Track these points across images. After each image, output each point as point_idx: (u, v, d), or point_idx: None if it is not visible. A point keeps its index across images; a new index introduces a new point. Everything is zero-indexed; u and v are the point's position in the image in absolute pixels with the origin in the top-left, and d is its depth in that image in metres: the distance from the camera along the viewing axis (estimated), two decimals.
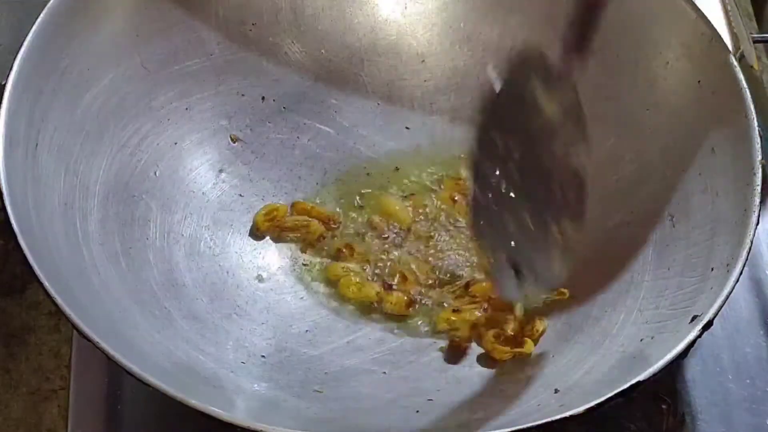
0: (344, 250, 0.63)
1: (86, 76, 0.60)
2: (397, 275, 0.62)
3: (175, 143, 0.64)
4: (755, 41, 0.68)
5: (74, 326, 0.49)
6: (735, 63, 0.57)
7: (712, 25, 0.59)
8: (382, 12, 0.70)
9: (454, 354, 0.59)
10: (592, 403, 0.48)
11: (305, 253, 0.64)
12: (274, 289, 0.63)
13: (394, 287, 0.62)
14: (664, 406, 0.60)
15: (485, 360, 0.59)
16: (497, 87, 0.56)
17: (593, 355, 0.56)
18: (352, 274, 0.62)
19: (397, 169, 0.67)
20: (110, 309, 0.55)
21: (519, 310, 0.59)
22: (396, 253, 0.63)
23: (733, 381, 0.61)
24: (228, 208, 0.65)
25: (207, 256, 0.63)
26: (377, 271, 0.63)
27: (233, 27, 0.67)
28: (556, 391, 0.54)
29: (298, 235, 0.64)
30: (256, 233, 0.64)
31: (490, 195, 0.55)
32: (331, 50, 0.69)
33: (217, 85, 0.66)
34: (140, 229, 0.61)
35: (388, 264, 0.63)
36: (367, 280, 0.62)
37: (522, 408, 0.54)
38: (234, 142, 0.66)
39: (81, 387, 0.61)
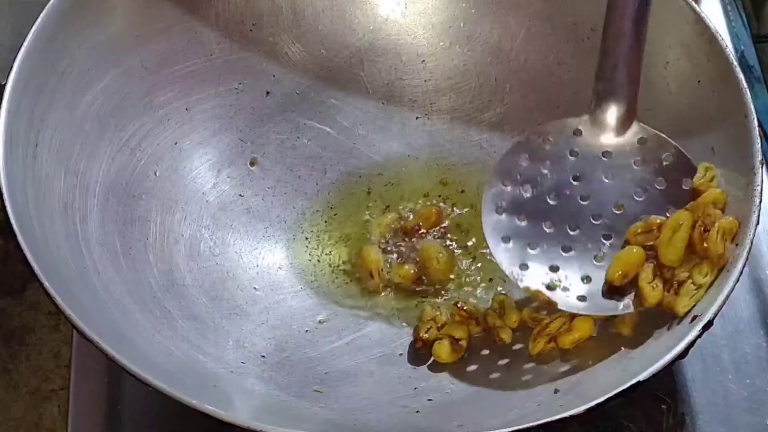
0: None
1: (86, 76, 0.60)
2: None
3: (175, 143, 0.64)
4: (756, 41, 0.68)
5: (74, 326, 0.49)
6: (735, 63, 0.57)
7: (712, 25, 0.59)
8: (382, 12, 0.70)
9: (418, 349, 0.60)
10: (592, 403, 0.47)
11: None
12: (274, 289, 0.63)
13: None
14: (664, 406, 0.60)
15: (485, 360, 0.59)
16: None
17: (593, 355, 0.56)
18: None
19: (392, 181, 0.67)
20: (110, 309, 0.55)
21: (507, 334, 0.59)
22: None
23: (733, 381, 0.61)
24: (228, 208, 0.65)
25: (207, 257, 0.63)
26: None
27: (233, 27, 0.67)
28: (556, 391, 0.54)
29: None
30: None
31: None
32: (331, 50, 0.69)
33: (217, 85, 0.66)
34: (140, 229, 0.61)
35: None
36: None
37: (522, 408, 0.54)
38: (252, 166, 0.66)
39: (81, 387, 0.61)
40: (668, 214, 0.55)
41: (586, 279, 0.56)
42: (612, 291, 0.55)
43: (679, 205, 0.55)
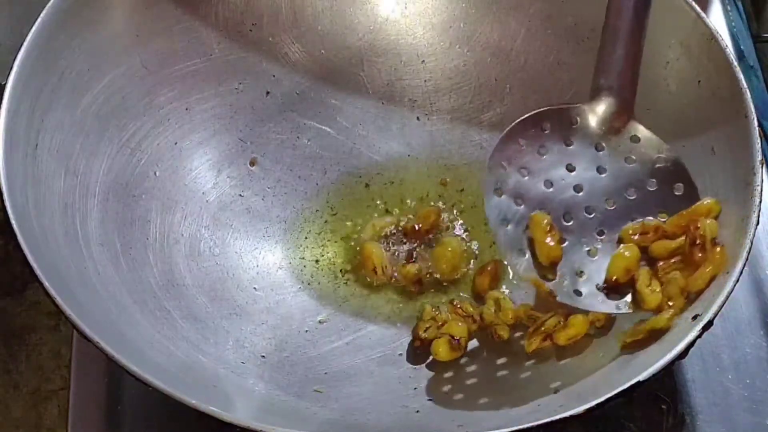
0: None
1: (86, 76, 0.60)
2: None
3: (175, 143, 0.64)
4: (756, 41, 0.68)
5: (74, 326, 0.49)
6: (735, 63, 0.57)
7: (712, 25, 0.59)
8: (382, 12, 0.70)
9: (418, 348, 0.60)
10: (592, 403, 0.47)
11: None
12: (274, 289, 0.63)
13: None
14: (664, 406, 0.60)
15: (485, 360, 0.59)
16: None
17: (593, 355, 0.56)
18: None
19: (392, 181, 0.67)
20: (110, 309, 0.55)
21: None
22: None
23: (733, 381, 0.61)
24: (228, 208, 0.65)
25: (207, 256, 0.63)
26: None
27: (233, 27, 0.67)
28: (556, 391, 0.54)
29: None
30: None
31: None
32: (331, 50, 0.69)
33: (217, 85, 0.66)
34: (140, 229, 0.61)
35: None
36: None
37: (522, 408, 0.54)
38: (252, 166, 0.66)
39: (81, 387, 0.61)
40: (659, 218, 0.56)
41: (580, 273, 0.56)
42: (608, 289, 0.55)
43: (671, 210, 0.56)
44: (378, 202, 0.66)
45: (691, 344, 0.49)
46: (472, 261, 0.64)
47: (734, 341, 0.62)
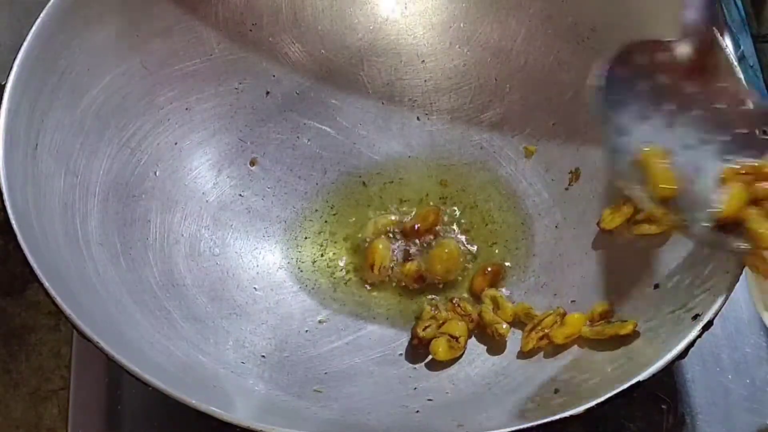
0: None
1: (86, 76, 0.60)
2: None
3: (175, 143, 0.65)
4: (756, 41, 0.68)
5: (74, 326, 0.49)
6: (735, 63, 0.57)
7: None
8: (382, 12, 0.70)
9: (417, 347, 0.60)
10: (592, 403, 0.48)
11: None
12: (274, 289, 0.63)
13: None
14: (664, 406, 0.60)
15: (485, 360, 0.59)
16: None
17: (593, 355, 0.56)
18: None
19: (392, 181, 0.67)
20: (110, 309, 0.55)
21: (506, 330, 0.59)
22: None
23: (733, 381, 0.61)
24: (228, 208, 0.65)
25: (207, 256, 0.63)
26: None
27: (233, 27, 0.67)
28: (556, 391, 0.54)
29: None
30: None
31: None
32: (331, 50, 0.69)
33: (217, 85, 0.66)
34: (140, 229, 0.61)
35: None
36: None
37: (522, 408, 0.54)
38: (252, 166, 0.66)
39: (81, 387, 0.61)
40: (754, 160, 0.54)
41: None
42: (719, 228, 0.53)
43: (764, 152, 0.54)
44: (378, 202, 0.66)
45: (691, 344, 0.49)
46: (470, 262, 0.64)
47: (734, 341, 0.62)
